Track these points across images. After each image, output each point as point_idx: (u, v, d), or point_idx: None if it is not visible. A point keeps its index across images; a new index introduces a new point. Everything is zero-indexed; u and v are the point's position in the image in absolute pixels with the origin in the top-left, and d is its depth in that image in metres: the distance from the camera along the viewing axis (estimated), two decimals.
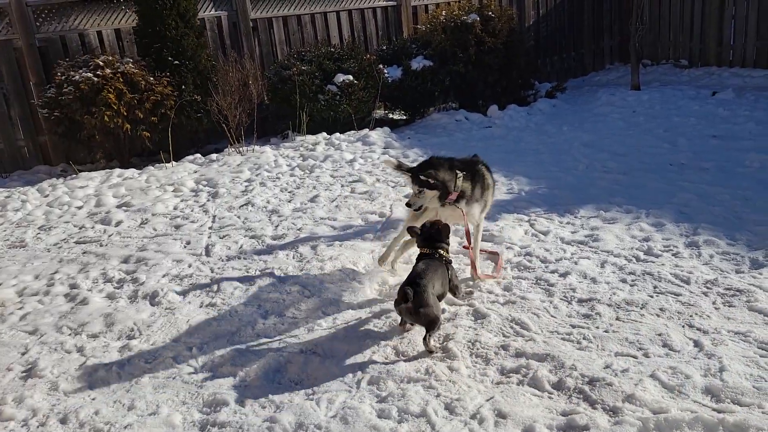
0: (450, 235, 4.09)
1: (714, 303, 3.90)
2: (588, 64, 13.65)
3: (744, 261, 4.43)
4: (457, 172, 4.37)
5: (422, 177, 4.22)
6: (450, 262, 3.99)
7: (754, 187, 5.91)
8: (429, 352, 3.56)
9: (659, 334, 3.57)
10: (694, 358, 3.33)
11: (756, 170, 6.43)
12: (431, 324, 3.56)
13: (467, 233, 4.44)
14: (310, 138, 9.03)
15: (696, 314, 3.77)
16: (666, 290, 4.10)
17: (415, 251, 4.16)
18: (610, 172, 6.84)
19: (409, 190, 4.80)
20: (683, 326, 3.66)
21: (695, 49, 12.47)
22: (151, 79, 8.28)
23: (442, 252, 3.94)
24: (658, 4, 12.95)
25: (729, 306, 3.84)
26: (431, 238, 3.98)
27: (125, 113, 8.05)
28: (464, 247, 4.92)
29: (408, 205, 4.39)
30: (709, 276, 4.24)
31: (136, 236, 5.94)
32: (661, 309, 3.87)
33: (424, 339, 3.57)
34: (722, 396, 3.00)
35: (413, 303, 3.49)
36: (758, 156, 6.76)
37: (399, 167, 4.76)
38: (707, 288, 4.08)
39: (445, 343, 3.68)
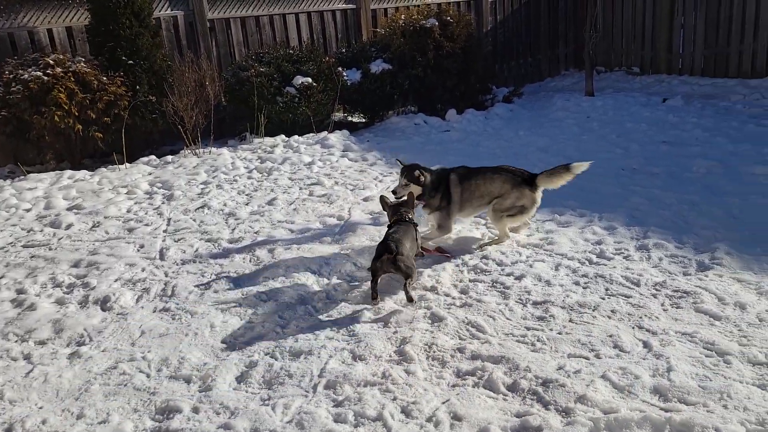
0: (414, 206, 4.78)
1: (662, 305, 4.01)
2: (544, 70, 13.90)
3: (691, 263, 4.57)
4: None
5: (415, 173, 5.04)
6: (416, 225, 4.64)
7: (701, 192, 6.11)
8: (410, 300, 4.11)
9: (610, 336, 3.66)
10: (644, 359, 3.41)
11: (702, 176, 6.65)
12: (409, 271, 4.12)
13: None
14: (268, 140, 8.96)
15: (645, 316, 3.87)
16: (617, 292, 4.20)
17: None
18: None
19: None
20: (633, 327, 3.76)
21: (646, 57, 12.84)
22: (104, 78, 8.10)
23: (410, 216, 4.64)
24: (611, 13, 13.29)
25: (677, 307, 3.96)
26: (400, 206, 4.73)
27: (77, 113, 7.85)
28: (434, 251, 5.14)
29: (394, 192, 5.12)
30: (658, 278, 4.36)
31: (87, 240, 5.79)
32: (612, 311, 3.96)
33: (405, 286, 4.12)
34: (669, 395, 3.09)
35: (396, 254, 4.06)
36: (705, 162, 6.99)
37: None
38: (656, 290, 4.19)
39: (402, 346, 3.69)
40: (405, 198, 4.85)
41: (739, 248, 4.72)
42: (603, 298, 4.13)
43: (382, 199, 4.88)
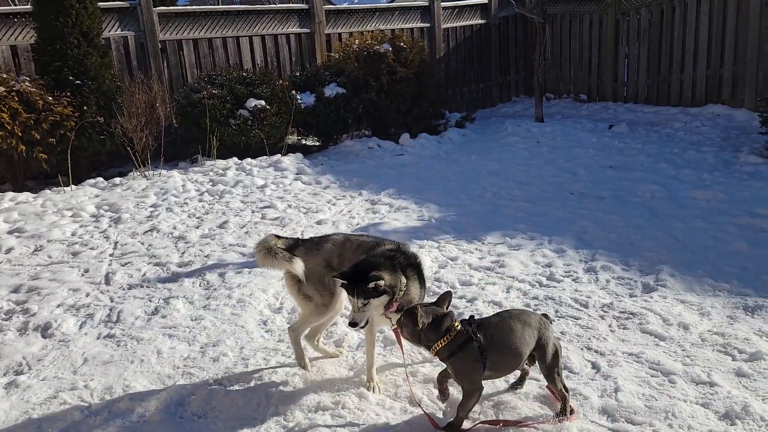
0: None
1: (610, 326, 4.09)
2: (496, 96, 14.20)
3: (637, 285, 4.69)
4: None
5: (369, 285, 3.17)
6: None
7: (646, 215, 6.30)
8: None
9: None
10: (592, 380, 3.47)
11: (647, 199, 6.86)
12: None
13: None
14: (221, 163, 8.86)
15: (594, 337, 3.94)
16: (566, 314, 4.27)
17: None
18: (515, 200, 7.10)
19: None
20: (582, 349, 3.82)
21: (593, 85, 13.26)
22: (50, 98, 7.88)
23: None
24: (560, 42, 13.71)
25: (623, 328, 4.05)
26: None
27: (20, 134, 7.61)
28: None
29: (353, 324, 3.23)
30: (605, 300, 4.45)
31: (28, 264, 5.58)
32: (561, 332, 4.02)
33: None
34: (617, 415, 3.14)
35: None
36: (649, 186, 7.23)
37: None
38: (604, 311, 4.28)
39: (354, 370, 3.65)
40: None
41: (682, 270, 4.87)
42: (553, 320, 4.18)
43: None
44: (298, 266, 3.47)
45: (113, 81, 8.70)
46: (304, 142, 10.95)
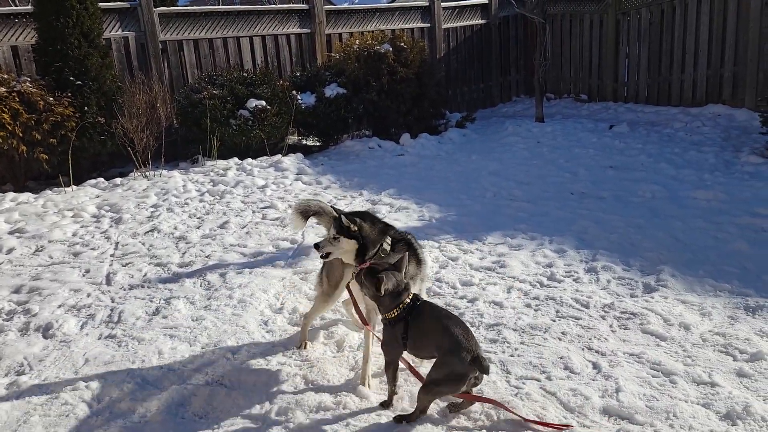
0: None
1: (611, 326, 4.09)
2: (496, 96, 14.20)
3: (638, 285, 4.69)
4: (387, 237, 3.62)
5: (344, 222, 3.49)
6: None
7: (646, 216, 6.29)
8: None
9: (561, 357, 3.71)
10: (593, 380, 3.47)
11: (648, 200, 6.86)
12: None
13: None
14: (221, 163, 8.86)
15: (595, 337, 3.94)
16: (567, 314, 4.27)
17: None
18: (515, 200, 7.10)
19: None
20: (583, 349, 3.82)
21: (594, 85, 13.26)
22: (51, 99, 7.88)
23: None
24: (560, 42, 13.71)
25: (624, 329, 4.05)
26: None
27: (21, 134, 7.61)
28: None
29: (316, 246, 3.60)
30: (606, 300, 4.45)
31: (29, 264, 5.58)
32: (563, 333, 4.02)
33: None
34: (618, 416, 3.14)
35: None
36: (649, 186, 7.22)
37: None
38: (605, 312, 4.28)
39: (355, 371, 3.66)
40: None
41: (683, 270, 4.87)
42: (554, 320, 4.19)
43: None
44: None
45: (114, 81, 8.71)
46: (304, 142, 10.96)
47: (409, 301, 3.19)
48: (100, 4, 8.87)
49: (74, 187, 8.00)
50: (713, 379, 3.39)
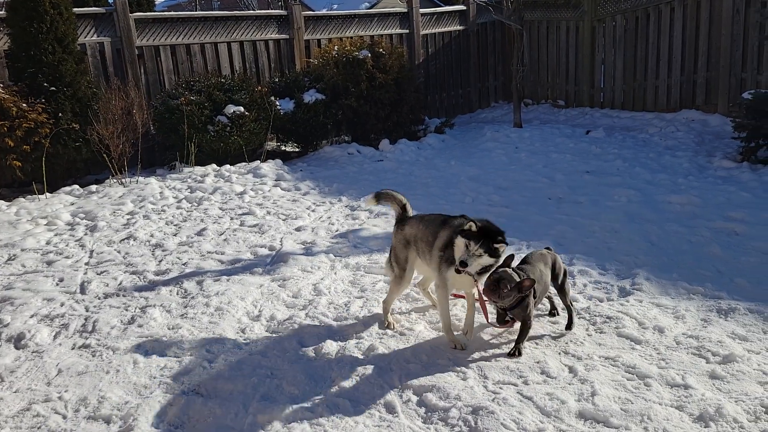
0: None
1: (587, 330, 4.13)
2: (474, 102, 14.29)
3: (613, 289, 4.74)
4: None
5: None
6: None
7: (622, 220, 6.37)
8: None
9: (538, 362, 3.73)
10: (569, 384, 3.49)
11: (623, 204, 6.94)
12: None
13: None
14: (199, 169, 8.80)
15: (571, 341, 3.97)
16: (544, 319, 4.30)
17: None
18: (494, 206, 7.14)
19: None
20: (559, 353, 3.84)
21: (571, 90, 13.40)
22: (24, 105, 7.77)
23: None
24: (537, 49, 13.85)
25: (600, 333, 4.08)
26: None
27: None
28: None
29: (463, 264, 3.69)
30: (582, 304, 4.49)
31: (1, 274, 5.48)
32: (539, 337, 4.04)
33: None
34: (594, 419, 3.16)
35: None
36: (625, 191, 7.31)
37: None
38: (581, 316, 4.32)
39: (331, 378, 3.64)
40: None
41: (658, 274, 4.93)
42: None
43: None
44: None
45: (89, 87, 8.61)
46: (283, 148, 10.92)
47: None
48: (75, 9, 8.78)
49: (48, 194, 7.89)
50: (687, 382, 3.43)
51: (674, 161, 8.68)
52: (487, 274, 3.81)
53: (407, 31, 12.68)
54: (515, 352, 3.81)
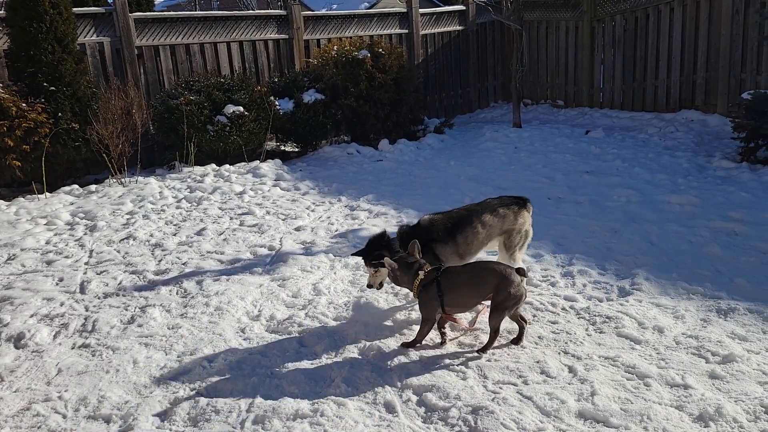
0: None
1: (587, 330, 4.13)
2: (474, 102, 14.29)
3: (613, 289, 4.74)
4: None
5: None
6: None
7: (622, 220, 6.37)
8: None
9: (537, 362, 3.73)
10: (569, 384, 3.49)
11: (623, 204, 6.94)
12: None
13: None
14: (198, 169, 8.80)
15: (571, 341, 3.98)
16: (544, 318, 4.30)
17: None
18: None
19: None
20: (559, 353, 3.84)
21: (570, 91, 13.41)
22: (24, 105, 7.77)
23: None
24: (537, 49, 13.85)
25: (600, 332, 4.09)
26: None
27: None
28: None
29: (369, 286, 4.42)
30: (582, 304, 4.49)
31: (0, 273, 5.48)
32: (539, 337, 4.05)
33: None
34: (594, 419, 3.17)
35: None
36: (624, 191, 7.32)
37: None
38: (580, 316, 4.32)
39: (331, 378, 3.64)
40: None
41: (657, 273, 4.94)
42: (530, 324, 4.21)
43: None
44: None
45: (88, 87, 8.61)
46: (282, 148, 10.92)
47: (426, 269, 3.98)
48: (75, 9, 8.78)
49: (48, 194, 7.89)
50: (686, 382, 3.44)
51: (674, 161, 8.68)
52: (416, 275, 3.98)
53: (407, 31, 12.68)
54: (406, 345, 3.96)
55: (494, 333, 3.84)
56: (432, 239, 4.39)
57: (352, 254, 4.50)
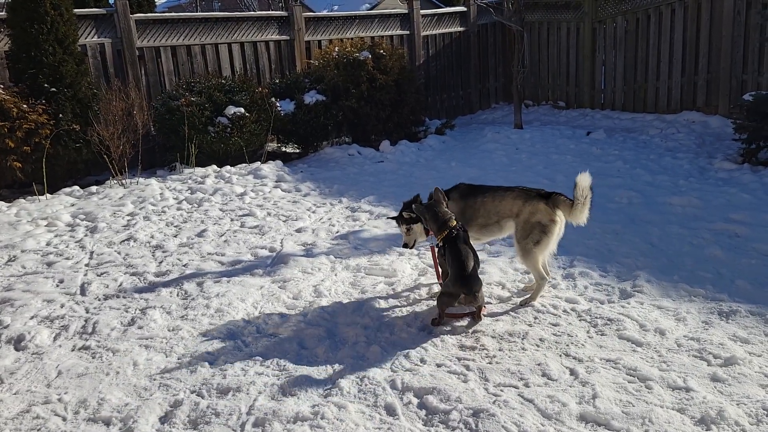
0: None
1: (588, 332, 4.11)
2: (475, 103, 14.28)
3: (614, 291, 4.73)
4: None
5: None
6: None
7: (623, 221, 6.36)
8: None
9: (539, 364, 3.72)
10: (570, 386, 3.48)
11: (624, 205, 6.93)
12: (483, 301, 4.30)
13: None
14: (200, 170, 8.79)
15: (572, 344, 3.96)
16: (545, 321, 4.29)
17: None
18: None
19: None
20: (561, 355, 3.83)
21: (571, 92, 13.40)
22: (25, 106, 7.77)
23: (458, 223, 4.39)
24: (538, 50, 13.85)
25: (601, 335, 4.07)
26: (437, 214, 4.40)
27: None
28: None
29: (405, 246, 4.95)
30: (583, 306, 4.48)
31: (1, 275, 5.48)
32: (540, 339, 4.03)
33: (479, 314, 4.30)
34: (595, 422, 3.16)
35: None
36: (626, 192, 7.30)
37: None
38: (582, 318, 4.31)
39: (333, 379, 3.64)
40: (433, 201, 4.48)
41: (659, 275, 4.92)
42: (531, 326, 4.21)
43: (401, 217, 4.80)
44: None
45: (89, 88, 8.61)
46: (283, 149, 10.92)
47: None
48: (76, 10, 8.79)
49: (49, 195, 7.89)
50: (688, 384, 3.42)
51: (675, 163, 8.67)
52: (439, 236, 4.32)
53: (408, 32, 12.68)
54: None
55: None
56: (449, 198, 4.65)
57: (388, 218, 5.05)
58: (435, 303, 4.39)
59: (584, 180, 4.47)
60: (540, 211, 4.58)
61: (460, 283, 4.07)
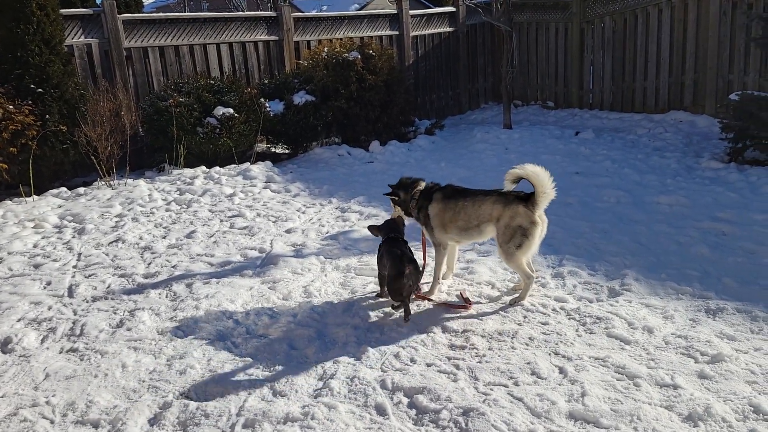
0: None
1: (577, 331, 4.14)
2: (464, 103, 14.31)
3: (603, 290, 4.76)
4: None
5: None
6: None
7: (611, 220, 6.40)
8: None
9: (528, 363, 3.73)
10: (560, 385, 3.50)
11: (612, 205, 6.97)
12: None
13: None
14: (188, 171, 8.76)
15: (561, 342, 3.98)
16: (534, 320, 4.31)
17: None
18: None
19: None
20: (550, 354, 3.85)
21: (560, 92, 13.47)
22: (11, 107, 7.70)
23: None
24: (527, 50, 13.90)
25: (590, 333, 4.09)
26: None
27: None
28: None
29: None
30: (572, 305, 4.50)
31: None
32: (530, 338, 4.05)
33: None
34: (584, 420, 3.17)
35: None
36: (614, 192, 7.35)
37: None
38: (571, 316, 4.33)
39: (324, 380, 3.63)
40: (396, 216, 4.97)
41: (646, 274, 4.96)
42: (521, 325, 4.22)
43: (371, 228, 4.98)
44: None
45: (77, 89, 8.55)
46: (273, 150, 10.90)
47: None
48: (62, 10, 8.73)
49: (35, 197, 7.83)
50: (676, 382, 3.45)
51: (663, 162, 8.73)
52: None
53: (397, 32, 12.69)
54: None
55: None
56: (433, 198, 4.81)
57: (384, 194, 5.17)
58: (424, 303, 4.53)
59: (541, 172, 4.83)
60: (520, 214, 4.56)
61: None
